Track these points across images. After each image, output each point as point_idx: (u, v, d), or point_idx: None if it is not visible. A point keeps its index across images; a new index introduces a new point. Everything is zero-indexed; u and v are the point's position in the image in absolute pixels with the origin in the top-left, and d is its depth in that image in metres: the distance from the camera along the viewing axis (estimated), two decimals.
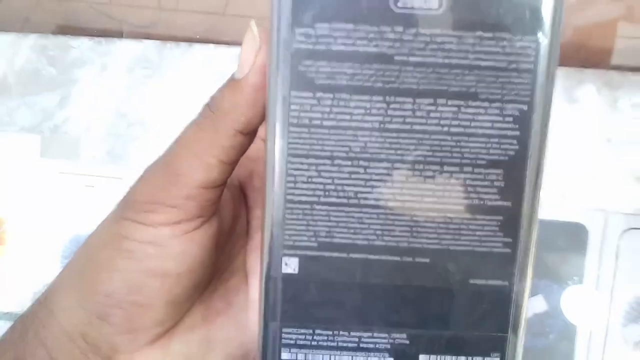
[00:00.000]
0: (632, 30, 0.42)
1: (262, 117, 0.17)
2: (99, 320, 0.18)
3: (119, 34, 0.43)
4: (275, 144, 0.16)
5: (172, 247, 0.17)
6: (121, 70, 0.41)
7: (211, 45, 0.41)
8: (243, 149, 0.17)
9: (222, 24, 0.43)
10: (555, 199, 0.40)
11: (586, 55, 0.42)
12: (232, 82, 0.17)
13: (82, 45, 0.41)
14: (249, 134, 0.17)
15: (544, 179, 0.16)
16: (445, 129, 0.16)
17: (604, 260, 0.41)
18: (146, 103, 0.41)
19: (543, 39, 0.16)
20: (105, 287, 0.17)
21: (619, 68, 0.41)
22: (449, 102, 0.16)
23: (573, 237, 0.41)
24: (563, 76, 0.40)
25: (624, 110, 0.40)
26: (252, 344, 0.18)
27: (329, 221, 0.16)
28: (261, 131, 0.17)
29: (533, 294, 0.41)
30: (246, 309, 0.20)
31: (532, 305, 0.41)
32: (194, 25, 0.43)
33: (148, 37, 0.41)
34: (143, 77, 0.41)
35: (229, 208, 0.20)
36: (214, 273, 0.20)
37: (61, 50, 0.41)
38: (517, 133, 0.16)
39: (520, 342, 0.17)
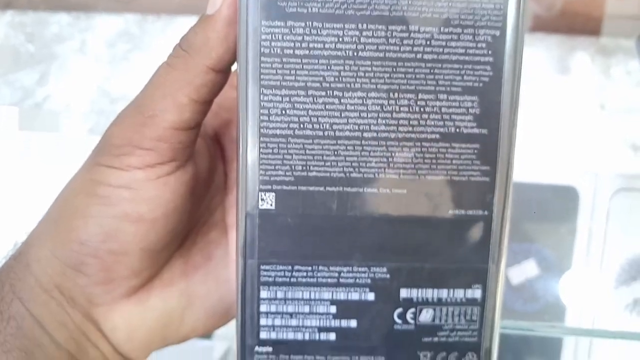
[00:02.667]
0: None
1: (234, 54, 0.17)
2: (74, 270, 0.17)
3: (99, 9, 0.42)
4: (248, 76, 0.16)
5: (146, 190, 0.17)
6: (102, 46, 0.40)
7: (194, 17, 0.40)
8: (216, 88, 0.17)
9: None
10: (546, 163, 0.40)
11: (576, 22, 0.42)
12: (204, 18, 0.17)
13: (61, 20, 0.40)
14: (221, 72, 0.17)
15: (520, 109, 0.16)
16: (419, 56, 0.16)
17: (595, 222, 0.41)
18: (129, 78, 0.40)
19: None
20: (79, 234, 0.17)
21: (609, 35, 0.41)
22: (422, 29, 0.16)
23: (564, 200, 0.41)
24: (555, 44, 0.40)
25: (618, 77, 0.40)
26: (232, 297, 0.18)
27: (305, 154, 0.16)
28: (233, 79, 0.17)
29: (524, 258, 0.41)
30: (226, 263, 0.19)
31: (524, 270, 0.41)
32: None
33: (128, 11, 0.41)
34: (125, 51, 0.40)
35: (205, 157, 0.20)
36: (192, 225, 0.20)
37: (40, 27, 0.40)
38: (491, 59, 0.16)
39: (502, 273, 0.17)
